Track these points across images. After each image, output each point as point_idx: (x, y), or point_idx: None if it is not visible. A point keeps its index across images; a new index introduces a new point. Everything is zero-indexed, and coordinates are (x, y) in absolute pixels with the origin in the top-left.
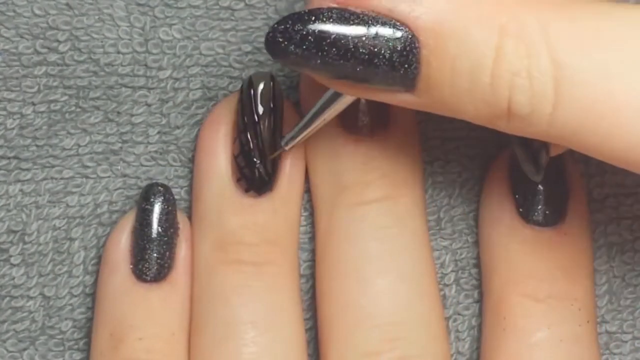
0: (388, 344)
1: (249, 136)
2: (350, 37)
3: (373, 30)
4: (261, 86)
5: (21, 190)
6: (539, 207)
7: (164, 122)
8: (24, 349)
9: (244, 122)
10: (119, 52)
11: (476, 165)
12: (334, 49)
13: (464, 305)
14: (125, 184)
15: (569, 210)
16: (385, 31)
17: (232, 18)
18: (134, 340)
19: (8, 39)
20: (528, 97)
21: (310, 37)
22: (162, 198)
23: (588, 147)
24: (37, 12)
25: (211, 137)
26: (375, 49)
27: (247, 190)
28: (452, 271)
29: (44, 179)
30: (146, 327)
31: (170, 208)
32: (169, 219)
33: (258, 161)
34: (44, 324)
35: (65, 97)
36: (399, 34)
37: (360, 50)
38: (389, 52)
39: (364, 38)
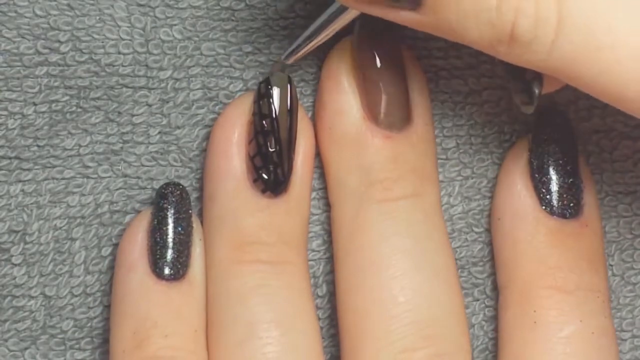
0: (424, 340)
1: (267, 137)
2: None
3: None
4: (280, 88)
5: (22, 190)
6: (561, 199)
7: (164, 122)
8: (26, 348)
9: (261, 123)
10: (119, 53)
11: (476, 164)
12: None
13: (464, 304)
14: (126, 184)
15: (586, 202)
16: None
17: (233, 18)
18: (159, 337)
19: (9, 40)
20: (532, 22)
21: None
22: (179, 196)
23: (582, 81)
24: (39, 12)
25: (225, 138)
26: None
27: (264, 191)
28: None
29: (45, 179)
30: (170, 324)
31: (186, 206)
32: (185, 217)
33: (277, 161)
34: (45, 324)
35: (67, 98)
36: None
37: None
38: None
39: None
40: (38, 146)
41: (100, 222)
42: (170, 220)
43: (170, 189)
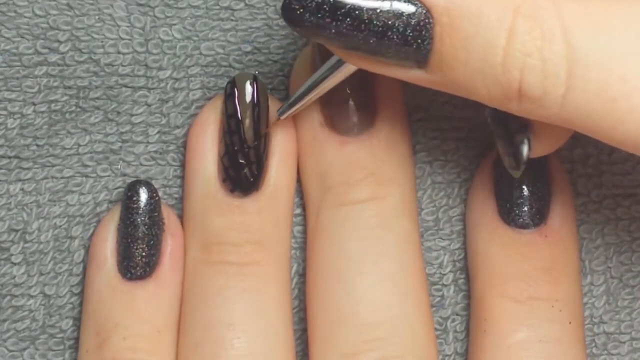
0: (367, 344)
1: (232, 137)
2: (364, 9)
3: (387, 3)
4: (244, 87)
5: (22, 189)
6: (520, 209)
7: (163, 121)
8: (25, 349)
9: (228, 123)
10: (119, 52)
11: (475, 165)
12: (348, 19)
13: (462, 306)
14: (124, 183)
15: (551, 212)
16: (400, 5)
17: (232, 18)
18: (118, 339)
19: (9, 40)
20: (540, 79)
21: (325, 6)
22: (145, 195)
23: (599, 131)
24: (38, 12)
25: (198, 138)
26: (389, 22)
27: (232, 191)
28: (450, 271)
29: (45, 178)
30: (131, 326)
31: (153, 204)
32: (152, 215)
33: (242, 161)
34: (45, 323)
35: (66, 97)
36: (413, 8)
37: (374, 23)
38: (402, 26)
39: (378, 10)
40: (37, 145)
41: (99, 221)
42: (135, 220)
43: (136, 187)
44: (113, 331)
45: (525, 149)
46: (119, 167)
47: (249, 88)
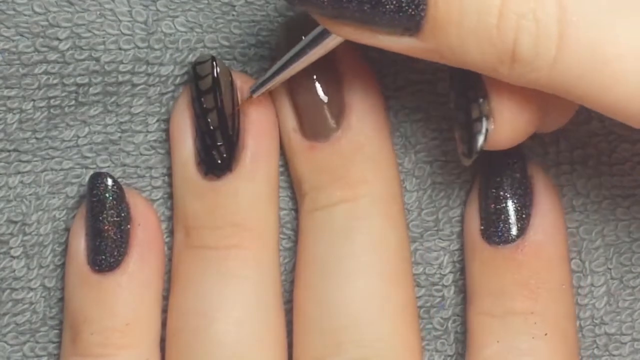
0: (333, 348)
1: (199, 119)
2: None
3: None
4: (203, 69)
5: (21, 181)
6: (497, 226)
7: (163, 110)
8: (25, 342)
9: (194, 106)
10: (120, 49)
11: (476, 166)
12: None
13: (463, 307)
14: (124, 173)
15: (531, 225)
16: None
17: (234, 13)
18: (88, 334)
19: (8, 38)
20: (533, 40)
21: None
22: (107, 187)
23: (588, 96)
24: (37, 10)
25: (176, 123)
26: None
27: (206, 174)
28: (450, 272)
29: (44, 170)
30: (99, 319)
31: (116, 196)
32: (115, 205)
33: (209, 143)
34: (45, 315)
35: (65, 94)
36: None
37: None
38: None
39: None
40: (37, 138)
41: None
42: (99, 213)
43: (96, 180)
44: (83, 326)
45: (481, 139)
46: (118, 157)
47: (207, 70)
